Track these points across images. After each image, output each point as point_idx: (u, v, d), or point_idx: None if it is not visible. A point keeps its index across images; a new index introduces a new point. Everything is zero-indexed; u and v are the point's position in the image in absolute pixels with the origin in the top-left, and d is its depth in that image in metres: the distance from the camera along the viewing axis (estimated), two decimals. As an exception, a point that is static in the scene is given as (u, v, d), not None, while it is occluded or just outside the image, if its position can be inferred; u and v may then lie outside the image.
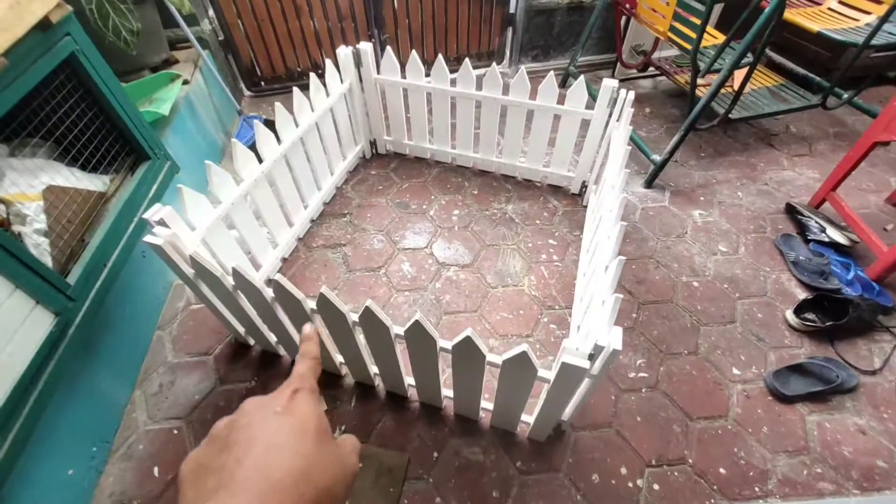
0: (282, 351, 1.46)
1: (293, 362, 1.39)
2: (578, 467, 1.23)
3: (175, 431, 1.32)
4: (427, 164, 2.21)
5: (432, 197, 2.04)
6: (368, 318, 0.99)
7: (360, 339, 1.14)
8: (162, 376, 1.44)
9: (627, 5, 2.14)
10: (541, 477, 1.22)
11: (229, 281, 1.12)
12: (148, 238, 1.09)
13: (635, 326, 1.55)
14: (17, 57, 0.99)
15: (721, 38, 2.11)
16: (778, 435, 1.29)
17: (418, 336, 0.98)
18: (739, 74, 2.29)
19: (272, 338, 1.40)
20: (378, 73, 1.93)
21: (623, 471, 1.23)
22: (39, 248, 1.07)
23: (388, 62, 1.87)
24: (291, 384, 0.33)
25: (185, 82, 2.00)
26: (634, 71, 2.69)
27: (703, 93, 2.16)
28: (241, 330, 1.44)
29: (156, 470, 1.24)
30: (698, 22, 1.65)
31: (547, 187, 2.08)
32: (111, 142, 1.37)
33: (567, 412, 1.20)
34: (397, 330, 1.01)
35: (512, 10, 2.56)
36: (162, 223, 1.12)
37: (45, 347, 1.02)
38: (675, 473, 1.23)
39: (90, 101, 1.28)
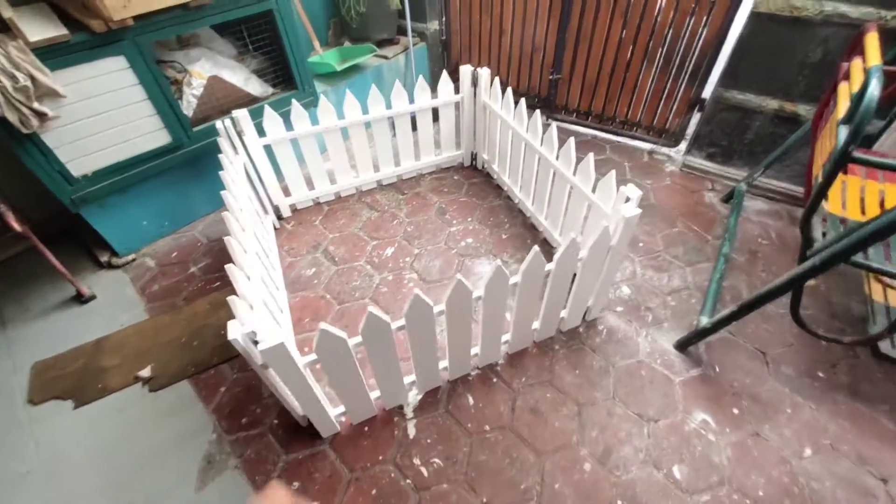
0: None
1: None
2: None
3: (199, 244, 2.05)
4: (498, 194, 2.25)
5: (469, 219, 2.11)
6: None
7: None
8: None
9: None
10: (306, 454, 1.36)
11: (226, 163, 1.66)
12: (218, 123, 1.73)
13: (471, 436, 1.35)
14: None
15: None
16: None
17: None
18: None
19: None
20: (489, 98, 2.09)
21: None
22: (190, 104, 1.86)
23: (496, 92, 2.00)
24: None
25: (385, 58, 2.66)
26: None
27: None
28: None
29: (174, 255, 2.00)
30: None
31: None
32: (281, 70, 2.10)
33: (297, 406, 1.28)
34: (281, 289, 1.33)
35: (705, 95, 2.13)
36: (233, 121, 1.75)
37: (157, 150, 1.82)
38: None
39: (275, 43, 2.02)
